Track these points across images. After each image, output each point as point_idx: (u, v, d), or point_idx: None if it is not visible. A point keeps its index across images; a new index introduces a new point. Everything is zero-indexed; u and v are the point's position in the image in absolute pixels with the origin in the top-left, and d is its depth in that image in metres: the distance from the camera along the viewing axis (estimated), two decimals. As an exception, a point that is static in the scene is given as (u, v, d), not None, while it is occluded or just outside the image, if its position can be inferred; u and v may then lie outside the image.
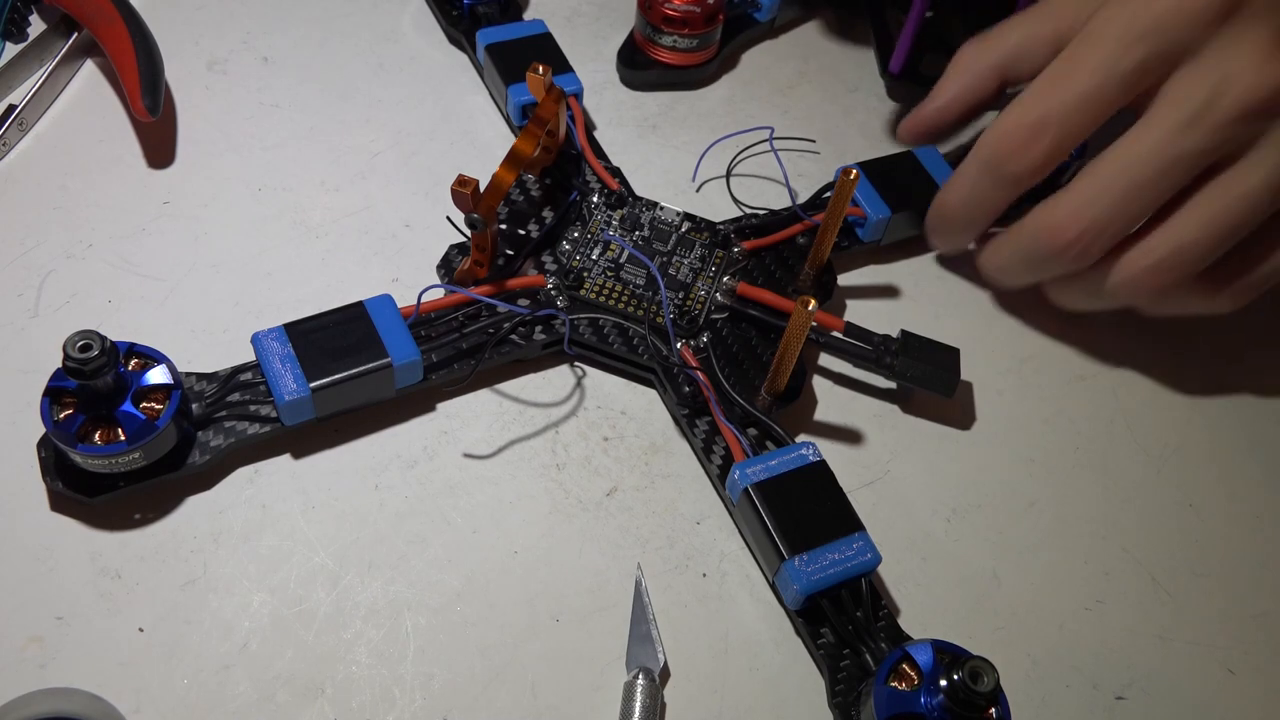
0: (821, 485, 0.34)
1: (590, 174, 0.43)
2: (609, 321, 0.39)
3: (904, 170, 0.44)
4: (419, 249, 0.42)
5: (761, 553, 0.34)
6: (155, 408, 0.33)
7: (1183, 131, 0.35)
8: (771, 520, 0.33)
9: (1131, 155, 0.36)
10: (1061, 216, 0.37)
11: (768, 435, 0.36)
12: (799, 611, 0.33)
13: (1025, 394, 0.41)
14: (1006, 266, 0.41)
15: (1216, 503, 0.39)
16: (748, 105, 0.49)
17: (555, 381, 0.39)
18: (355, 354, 0.35)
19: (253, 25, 0.49)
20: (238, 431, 0.34)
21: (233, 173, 0.43)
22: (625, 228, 0.41)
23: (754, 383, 0.38)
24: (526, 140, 0.37)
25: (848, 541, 0.33)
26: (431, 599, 0.34)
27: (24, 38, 0.46)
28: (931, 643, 0.31)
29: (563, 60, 0.45)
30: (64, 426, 0.32)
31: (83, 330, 0.31)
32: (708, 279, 0.40)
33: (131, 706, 0.30)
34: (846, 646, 0.33)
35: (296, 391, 0.34)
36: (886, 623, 0.33)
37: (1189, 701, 0.34)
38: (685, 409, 0.37)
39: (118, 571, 0.33)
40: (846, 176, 0.37)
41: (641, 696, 0.31)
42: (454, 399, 0.38)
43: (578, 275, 0.39)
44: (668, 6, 0.47)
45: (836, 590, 0.33)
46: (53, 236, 0.40)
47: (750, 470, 0.34)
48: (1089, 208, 0.37)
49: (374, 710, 0.31)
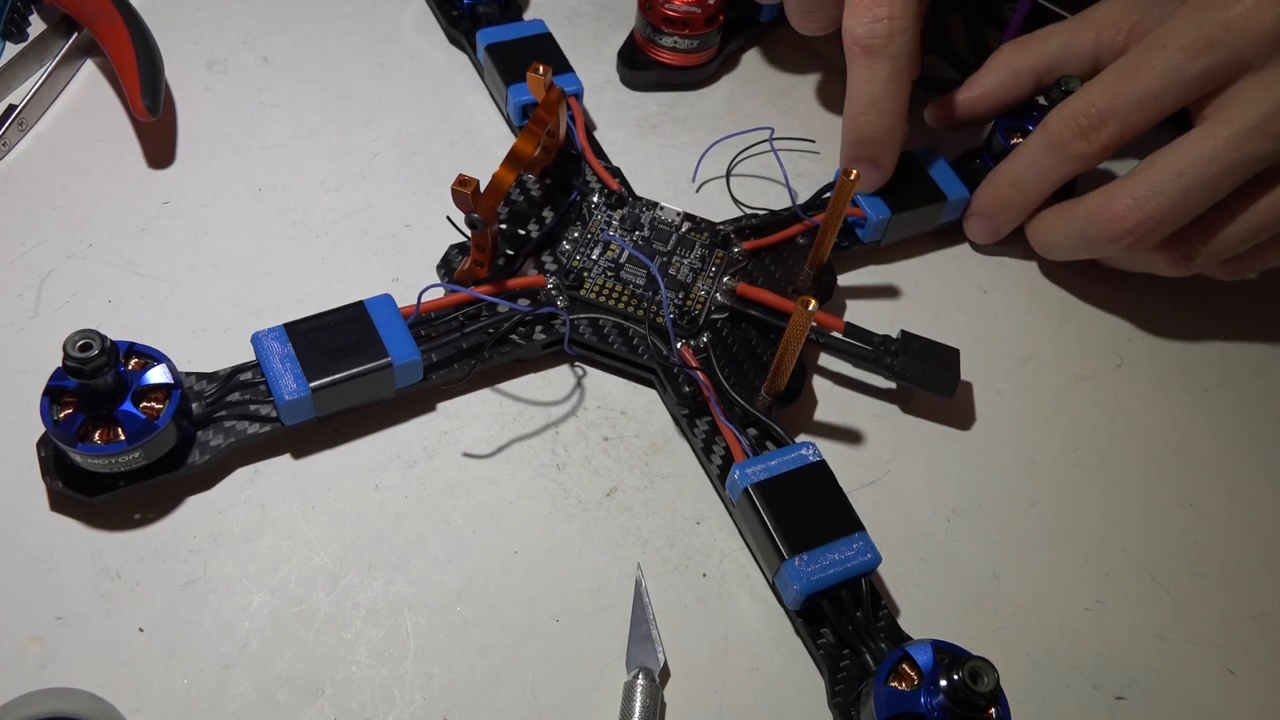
0: (821, 485, 0.34)
1: (590, 174, 0.43)
2: (609, 321, 0.39)
3: (904, 170, 0.44)
4: (419, 249, 0.42)
5: (761, 553, 0.34)
6: (155, 407, 0.33)
7: (1246, 137, 0.37)
8: (771, 520, 0.33)
9: (1195, 155, 0.38)
10: (1122, 206, 0.39)
11: (768, 435, 0.36)
12: (799, 612, 0.33)
13: (1025, 394, 0.41)
14: (1059, 242, 0.43)
15: (1216, 503, 0.39)
16: (748, 105, 0.49)
17: (555, 381, 0.39)
18: (355, 354, 0.35)
19: (253, 25, 0.49)
20: (238, 431, 0.34)
21: (233, 173, 0.43)
22: (625, 228, 0.41)
23: (754, 383, 0.38)
24: (526, 140, 0.37)
25: (848, 541, 0.33)
26: (431, 599, 0.34)
27: (24, 38, 0.46)
28: (931, 643, 0.31)
29: (563, 60, 0.45)
30: (64, 426, 0.32)
31: (83, 330, 0.31)
32: (708, 279, 0.40)
33: (131, 706, 0.30)
34: (846, 646, 0.33)
35: (296, 391, 0.34)
36: (886, 623, 0.33)
37: (1189, 701, 0.34)
38: (685, 409, 0.37)
39: (118, 571, 0.33)
40: (847, 177, 0.37)
41: (641, 696, 0.31)
42: (454, 399, 0.38)
43: (578, 275, 0.39)
44: (668, 7, 0.47)
45: (836, 590, 0.33)
46: (53, 236, 0.40)
47: (750, 470, 0.34)
48: (1149, 200, 0.38)
49: (374, 710, 0.31)
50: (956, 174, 0.44)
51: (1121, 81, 0.39)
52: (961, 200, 0.44)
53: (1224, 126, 0.37)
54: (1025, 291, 0.44)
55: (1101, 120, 0.39)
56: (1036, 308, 0.44)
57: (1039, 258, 0.45)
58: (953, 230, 0.45)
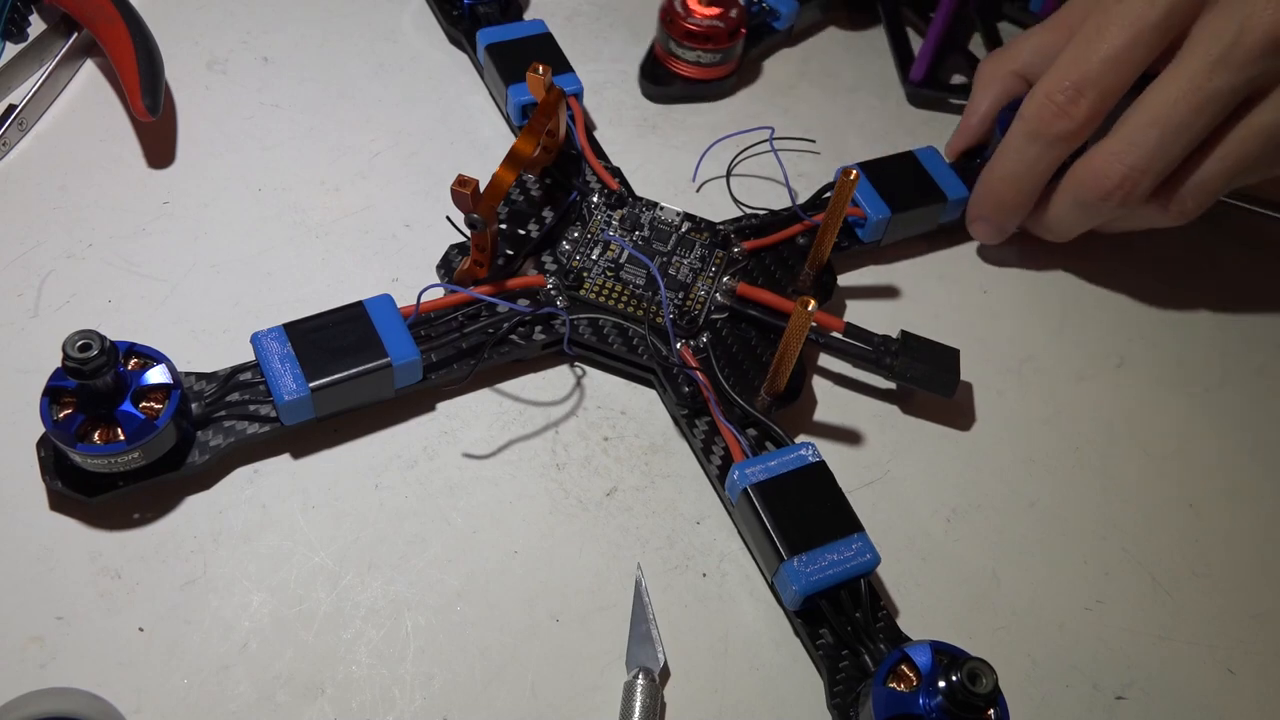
0: (821, 486, 0.34)
1: (590, 174, 0.43)
2: (609, 321, 0.39)
3: (904, 170, 0.44)
4: (419, 249, 0.42)
5: (760, 553, 0.34)
6: (155, 407, 0.33)
7: (1212, 70, 0.37)
8: (770, 521, 0.33)
9: (1165, 98, 0.37)
10: (1103, 163, 0.39)
11: (767, 436, 0.36)
12: (798, 612, 0.33)
13: (1025, 394, 0.41)
14: (1059, 218, 0.42)
15: (1216, 503, 0.39)
16: (748, 105, 0.49)
17: (555, 381, 0.39)
18: (355, 354, 0.35)
19: (253, 25, 0.49)
20: (237, 431, 0.34)
21: (233, 173, 0.43)
22: (625, 228, 0.41)
23: (754, 383, 0.38)
24: (526, 140, 0.37)
25: (847, 542, 0.33)
26: (431, 599, 0.34)
27: (24, 38, 0.46)
28: (930, 644, 0.31)
29: (563, 60, 0.45)
30: (63, 426, 0.32)
31: (82, 330, 0.31)
32: (708, 279, 0.40)
33: (131, 706, 0.30)
34: (845, 647, 0.33)
35: (296, 391, 0.34)
36: (885, 624, 0.33)
37: (1189, 701, 0.34)
38: (685, 409, 0.37)
39: (118, 571, 0.33)
40: (846, 177, 0.37)
41: (641, 696, 0.31)
42: (454, 399, 0.38)
43: (578, 275, 0.39)
44: (690, 21, 0.46)
45: (835, 591, 0.33)
46: (53, 236, 0.40)
47: (749, 471, 0.34)
48: (1129, 152, 0.38)
49: (374, 710, 0.31)
50: (957, 174, 0.44)
51: (1089, 47, 0.39)
52: (962, 200, 0.44)
53: (1188, 65, 0.37)
54: (1025, 291, 0.44)
55: (1078, 91, 0.39)
56: (1036, 308, 0.44)
57: (1039, 257, 0.45)
58: (954, 230, 0.45)
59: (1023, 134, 0.41)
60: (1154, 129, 0.38)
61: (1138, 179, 0.38)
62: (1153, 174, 0.39)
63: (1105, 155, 0.39)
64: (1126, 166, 0.38)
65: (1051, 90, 0.39)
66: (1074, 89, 0.39)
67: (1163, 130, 0.37)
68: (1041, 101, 0.40)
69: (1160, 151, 0.38)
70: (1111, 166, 0.39)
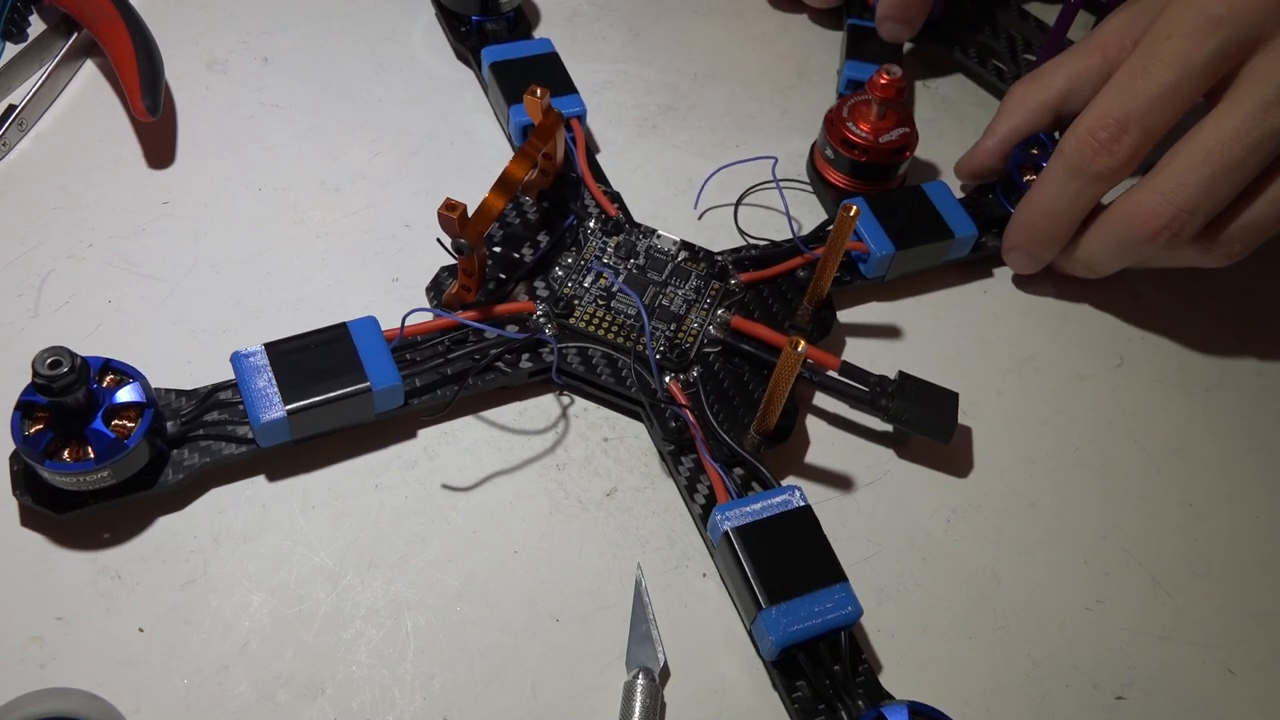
0: (805, 532, 0.33)
1: (589, 198, 0.42)
2: (598, 351, 0.37)
3: (912, 205, 0.42)
4: (419, 249, 0.42)
5: (739, 599, 0.33)
6: (127, 426, 0.32)
7: (1265, 111, 0.36)
8: (750, 566, 0.32)
9: (1218, 137, 0.37)
10: (1152, 203, 0.38)
11: (754, 476, 0.35)
12: (774, 663, 0.32)
13: (1025, 394, 0.41)
14: (1098, 257, 0.42)
15: (1216, 503, 0.39)
16: (748, 105, 0.49)
17: (553, 386, 0.39)
18: (334, 377, 0.34)
19: (253, 25, 0.49)
20: (213, 451, 0.34)
21: (233, 173, 0.43)
22: (620, 255, 0.40)
23: (744, 420, 0.36)
24: (519, 164, 0.36)
25: (829, 593, 0.32)
26: (431, 599, 0.34)
27: (24, 38, 0.46)
28: (908, 705, 0.30)
29: (567, 81, 0.44)
30: (32, 443, 0.31)
31: (53, 347, 0.30)
32: (701, 311, 0.39)
33: (131, 706, 0.30)
34: (822, 702, 0.31)
35: (273, 413, 0.33)
36: (866, 678, 0.32)
37: (1189, 701, 0.34)
38: (671, 444, 0.36)
39: (118, 571, 0.33)
40: (846, 213, 0.36)
41: (641, 696, 0.31)
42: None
43: (568, 303, 0.38)
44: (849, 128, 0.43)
45: (815, 643, 0.31)
46: (53, 236, 0.40)
47: (731, 513, 0.33)
48: (1179, 193, 0.38)
49: (374, 710, 0.31)
50: (967, 211, 0.43)
51: (1133, 84, 0.38)
52: (969, 239, 0.42)
53: (1241, 104, 0.36)
54: (1025, 291, 0.44)
55: (1121, 128, 0.38)
56: (1036, 308, 0.44)
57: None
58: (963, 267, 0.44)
59: (1063, 168, 0.40)
60: (1205, 168, 0.37)
61: (1186, 220, 0.38)
62: (1202, 214, 0.38)
63: (1153, 194, 0.38)
64: (1175, 207, 0.38)
65: (1094, 127, 0.38)
66: (1117, 126, 0.38)
67: (1214, 170, 0.37)
68: (1083, 137, 0.39)
69: (1210, 192, 0.37)
70: (1160, 206, 0.38)
